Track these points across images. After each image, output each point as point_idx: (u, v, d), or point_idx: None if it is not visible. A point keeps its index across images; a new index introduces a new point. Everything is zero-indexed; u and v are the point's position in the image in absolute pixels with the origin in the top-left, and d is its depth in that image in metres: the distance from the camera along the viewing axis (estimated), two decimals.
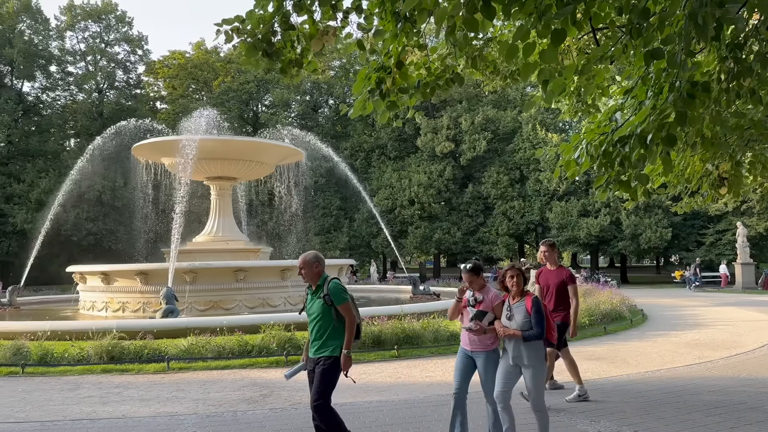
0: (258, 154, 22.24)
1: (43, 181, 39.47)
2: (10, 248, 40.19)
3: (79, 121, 45.07)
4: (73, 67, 47.74)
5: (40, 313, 18.79)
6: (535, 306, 5.15)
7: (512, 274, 5.35)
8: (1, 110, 40.27)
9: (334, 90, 47.57)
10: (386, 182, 42.77)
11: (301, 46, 3.66)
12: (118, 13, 47.38)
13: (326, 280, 5.02)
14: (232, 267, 17.06)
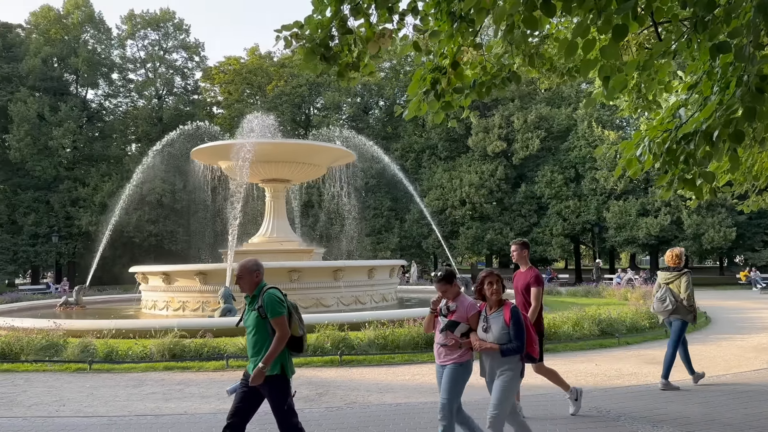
0: (310, 156, 22.57)
1: (106, 185, 41.14)
2: (76, 249, 42.12)
3: (140, 126, 46.79)
4: (133, 74, 49.66)
5: (104, 312, 19.62)
6: (514, 316, 4.64)
7: (491, 281, 4.85)
8: (67, 117, 42.22)
9: (384, 91, 47.77)
10: (437, 183, 42.63)
11: (358, 49, 3.70)
12: (176, 21, 48.95)
13: (262, 290, 4.58)
14: (286, 267, 17.36)
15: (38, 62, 42.66)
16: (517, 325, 4.61)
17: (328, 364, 9.87)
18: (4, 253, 40.63)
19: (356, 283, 18.34)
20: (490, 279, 4.84)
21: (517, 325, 4.61)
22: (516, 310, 4.70)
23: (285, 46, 3.62)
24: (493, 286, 4.81)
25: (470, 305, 4.88)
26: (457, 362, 4.83)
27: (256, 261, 4.74)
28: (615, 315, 13.15)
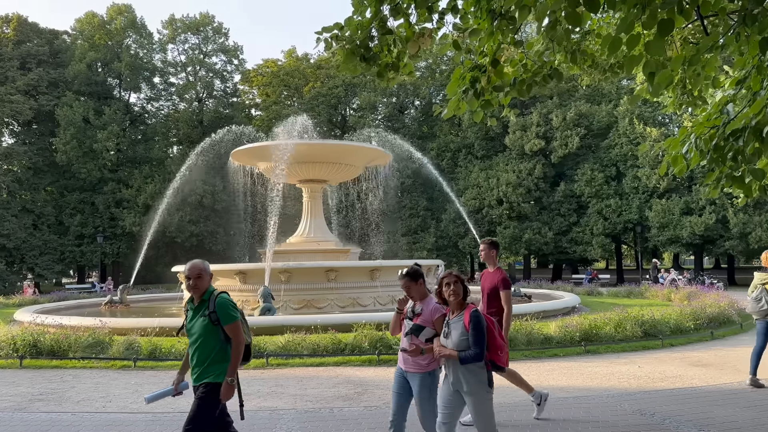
0: (347, 156, 22.70)
1: (149, 186, 42.17)
2: (120, 249, 43.30)
3: (181, 129, 47.82)
4: (174, 78, 50.78)
5: (148, 310, 20.13)
6: (474, 321, 4.22)
7: (448, 281, 4.47)
8: (111, 120, 43.45)
9: (420, 91, 47.70)
10: (473, 182, 42.34)
11: (397, 49, 3.71)
12: (215, 25, 49.86)
13: (212, 294, 4.25)
14: (324, 267, 17.50)
15: (83, 67, 44.03)
16: (476, 331, 4.19)
17: (366, 364, 9.92)
18: (51, 253, 42.06)
19: (393, 283, 18.32)
20: (447, 279, 4.50)
21: (476, 331, 4.19)
22: (476, 314, 4.28)
23: (325, 48, 3.67)
24: (450, 287, 4.43)
25: (435, 308, 4.53)
26: (426, 371, 4.48)
27: (205, 262, 4.36)
28: (658, 316, 12.85)
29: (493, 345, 4.29)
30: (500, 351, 4.34)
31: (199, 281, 4.23)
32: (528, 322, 11.77)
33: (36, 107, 42.66)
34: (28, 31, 45.06)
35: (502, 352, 4.37)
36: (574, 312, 16.95)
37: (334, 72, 48.88)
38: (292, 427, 6.21)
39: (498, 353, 4.32)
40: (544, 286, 28.53)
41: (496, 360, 4.33)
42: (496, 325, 4.39)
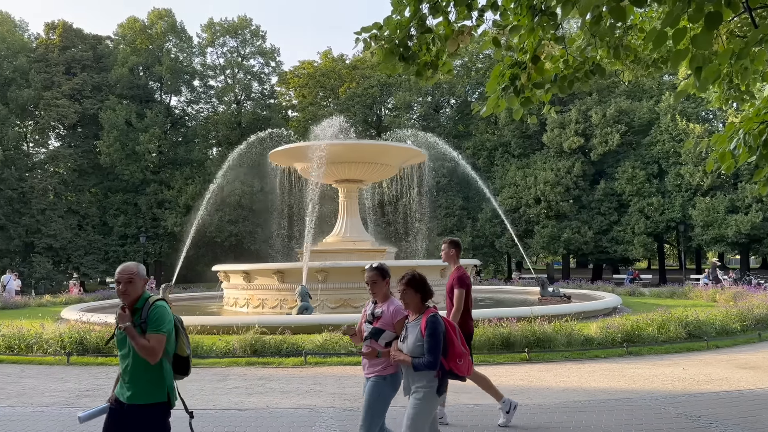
0: (382, 156, 22.74)
1: (189, 188, 43.06)
2: (162, 249, 44.33)
3: (220, 131, 48.65)
4: (213, 80, 51.74)
5: (189, 308, 20.54)
6: (430, 327, 3.93)
7: (368, 278, 4.30)
8: (153, 123, 44.51)
9: (455, 90, 47.45)
10: (510, 181, 41.91)
11: (436, 47, 3.70)
12: (252, 28, 50.55)
13: (147, 302, 3.69)
14: (360, 266, 17.50)
15: (125, 71, 45.21)
16: (431, 338, 3.91)
17: None
18: (96, 253, 43.33)
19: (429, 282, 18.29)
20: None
21: (431, 338, 3.91)
22: (433, 320, 3.99)
23: (364, 48, 3.68)
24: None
25: (396, 310, 4.27)
26: (380, 375, 4.24)
27: (140, 265, 3.81)
28: (703, 317, 12.49)
29: (452, 353, 4.02)
30: (460, 359, 4.05)
31: (130, 287, 3.66)
32: (568, 323, 11.60)
33: (81, 111, 44.01)
34: (73, 37, 46.48)
35: (462, 360, 4.07)
36: (615, 313, 16.62)
37: (369, 72, 49.02)
38: (331, 425, 6.25)
39: (457, 361, 4.04)
40: (584, 287, 28.05)
41: (455, 369, 4.04)
42: (457, 331, 4.14)
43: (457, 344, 4.05)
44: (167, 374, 3.73)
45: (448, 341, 4.02)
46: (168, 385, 3.74)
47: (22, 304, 24.23)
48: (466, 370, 4.10)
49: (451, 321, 4.16)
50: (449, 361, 4.01)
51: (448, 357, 4.00)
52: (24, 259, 41.57)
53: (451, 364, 4.02)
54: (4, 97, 43.00)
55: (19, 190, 42.08)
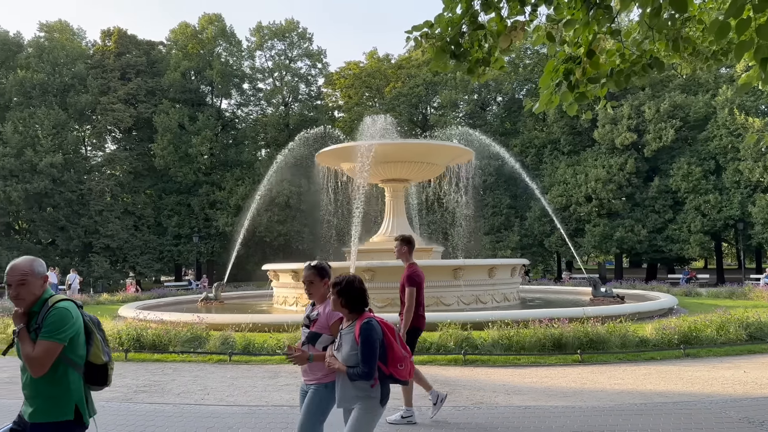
0: (429, 155, 22.65)
1: (240, 188, 43.97)
2: (214, 249, 45.42)
3: (269, 132, 49.48)
4: (262, 83, 52.66)
5: (241, 307, 20.97)
6: (364, 334, 3.65)
7: (305, 277, 4.07)
8: (204, 126, 45.66)
9: (502, 87, 46.89)
10: (560, 178, 41.11)
11: (488, 44, 3.65)
12: (300, 30, 51.19)
13: (45, 304, 3.11)
14: None
15: (178, 76, 46.50)
16: (365, 346, 3.63)
17: (452, 363, 9.85)
18: (151, 253, 44.74)
19: (477, 282, 18.14)
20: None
21: (365, 346, 3.63)
22: (366, 326, 3.69)
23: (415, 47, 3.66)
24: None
25: (331, 314, 4.00)
26: (321, 383, 3.98)
27: (36, 261, 3.23)
28: (765, 318, 11.95)
29: (392, 357, 3.76)
30: (400, 363, 3.78)
31: (22, 289, 3.09)
32: (622, 324, 11.29)
33: (135, 115, 45.51)
34: (128, 44, 48.11)
35: (403, 364, 3.79)
36: (671, 314, 16.09)
37: (415, 71, 48.95)
38: (380, 422, 6.25)
39: (398, 366, 3.77)
40: (638, 287, 27.27)
41: (396, 374, 3.77)
42: (397, 334, 3.87)
43: (397, 348, 3.79)
44: (74, 387, 3.15)
45: (387, 346, 3.75)
46: (76, 400, 3.15)
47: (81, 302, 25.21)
48: (407, 374, 3.85)
49: (390, 326, 3.81)
50: (389, 366, 3.76)
51: (387, 362, 3.74)
52: (83, 259, 43.26)
53: (391, 369, 3.76)
54: (64, 102, 44.87)
55: (78, 192, 43.84)
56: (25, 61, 45.19)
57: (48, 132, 42.54)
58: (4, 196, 40.16)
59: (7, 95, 44.42)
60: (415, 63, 50.23)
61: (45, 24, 49.49)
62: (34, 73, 44.14)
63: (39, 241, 45.06)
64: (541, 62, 45.41)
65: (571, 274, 41.82)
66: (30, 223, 44.77)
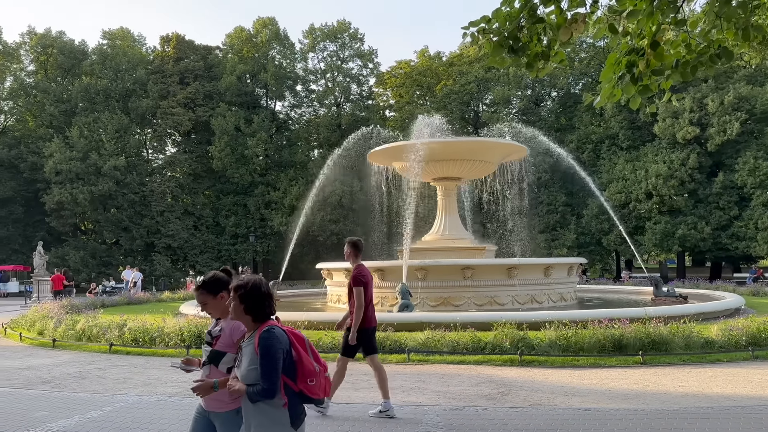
0: (481, 153, 22.41)
1: (294, 189, 44.72)
2: (269, 248, 46.37)
3: (322, 133, 50.10)
4: (315, 85, 53.35)
5: (296, 304, 21.32)
6: (264, 344, 3.12)
7: (198, 300, 3.66)
8: (259, 128, 46.65)
9: (557, 81, 45.92)
10: (618, 175, 39.93)
11: (548, 37, 3.57)
12: (351, 31, 51.59)
13: None
14: (459, 265, 17.41)
15: (234, 79, 47.65)
16: (265, 358, 3.10)
17: (508, 363, 9.72)
18: (210, 252, 46.04)
19: (532, 282, 17.84)
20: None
21: (265, 358, 3.10)
22: (266, 336, 3.16)
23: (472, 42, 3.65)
24: (235, 297, 3.36)
25: (235, 328, 3.50)
26: (229, 409, 3.46)
27: None
28: None
29: (301, 372, 3.20)
30: (311, 378, 3.21)
31: None
32: (686, 325, 10.88)
33: (194, 118, 46.91)
34: (186, 49, 49.63)
35: (314, 379, 3.22)
36: (737, 314, 15.37)
37: (466, 69, 48.55)
38: (437, 423, 6.24)
39: (308, 381, 3.21)
40: (702, 286, 26.20)
41: (307, 391, 3.21)
42: (307, 344, 3.32)
43: (307, 360, 3.22)
44: None
45: (295, 359, 3.20)
46: None
47: (144, 299, 26.16)
48: (321, 391, 3.27)
49: (300, 335, 3.31)
50: (298, 382, 3.20)
51: (296, 377, 3.19)
52: (146, 258, 44.91)
53: (300, 385, 3.20)
54: (126, 107, 46.70)
55: (141, 193, 45.55)
56: (90, 68, 47.28)
57: (111, 136, 44.36)
58: (71, 198, 42.11)
59: (73, 101, 46.60)
60: (467, 60, 49.78)
61: (108, 32, 51.66)
62: (97, 80, 46.15)
63: (104, 241, 47.07)
64: (597, 56, 44.26)
65: (630, 274, 40.58)
66: (95, 223, 46.83)
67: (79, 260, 42.52)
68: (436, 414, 6.62)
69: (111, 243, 46.99)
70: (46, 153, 43.38)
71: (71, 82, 47.76)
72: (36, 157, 44.88)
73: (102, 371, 9.86)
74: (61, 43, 49.19)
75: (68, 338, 13.49)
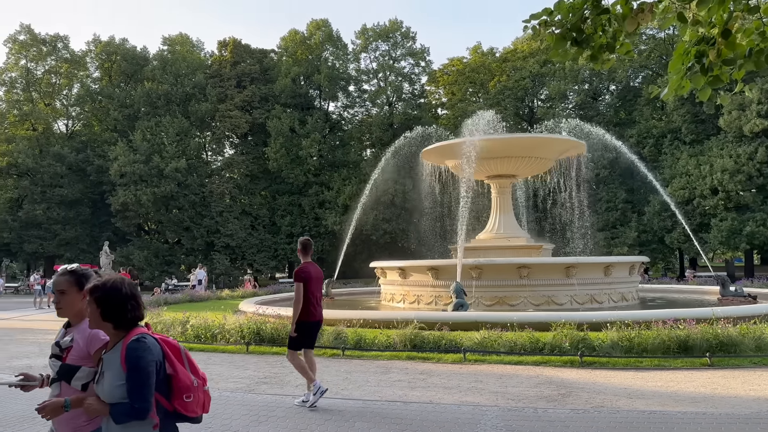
0: (537, 149, 22.01)
1: (347, 188, 45.12)
2: (323, 247, 46.92)
3: (374, 132, 50.35)
4: (367, 84, 53.65)
5: (350, 303, 21.48)
6: (133, 358, 2.67)
7: (56, 285, 3.06)
8: (313, 129, 47.31)
9: (615, 75, 44.59)
10: (681, 170, 38.43)
11: (613, 28, 3.46)
12: (403, 30, 51.59)
13: None
14: (515, 264, 17.16)
15: (288, 82, 48.48)
16: (135, 374, 2.66)
17: (567, 365, 9.51)
18: (266, 251, 46.99)
19: (591, 281, 17.39)
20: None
21: (135, 374, 2.66)
22: (135, 344, 2.70)
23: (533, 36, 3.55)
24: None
25: (93, 337, 2.94)
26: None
27: None
28: None
29: (176, 387, 2.77)
30: (187, 394, 2.79)
31: None
32: (756, 326, 10.39)
33: (250, 121, 48.00)
34: (242, 53, 50.82)
35: (192, 395, 2.80)
36: None
37: (520, 64, 47.80)
38: (496, 424, 6.16)
39: (183, 398, 2.78)
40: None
41: (182, 409, 2.79)
42: (183, 354, 2.87)
43: (183, 374, 2.79)
44: None
45: (170, 372, 2.78)
46: None
47: (205, 297, 26.95)
48: (200, 408, 2.85)
49: (174, 344, 2.87)
50: (173, 399, 2.78)
51: (171, 394, 2.78)
52: (206, 257, 46.25)
53: (175, 403, 2.78)
54: (186, 111, 48.19)
55: (201, 194, 46.94)
56: (151, 74, 49.05)
57: (172, 139, 45.88)
58: (135, 199, 43.79)
59: (136, 106, 48.46)
60: (521, 55, 48.99)
61: (168, 38, 53.51)
62: (159, 85, 47.82)
63: (166, 240, 48.74)
64: (658, 47, 42.76)
65: (695, 273, 38.99)
66: (158, 224, 48.53)
67: (143, 259, 44.22)
68: (494, 415, 6.54)
69: (173, 242, 48.63)
70: (111, 156, 45.29)
71: (134, 88, 49.69)
72: (102, 160, 46.91)
73: None
74: (124, 50, 51.27)
75: None
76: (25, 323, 20.07)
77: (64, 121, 54.07)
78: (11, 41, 49.02)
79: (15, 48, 49.15)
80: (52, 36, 49.77)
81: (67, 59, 50.55)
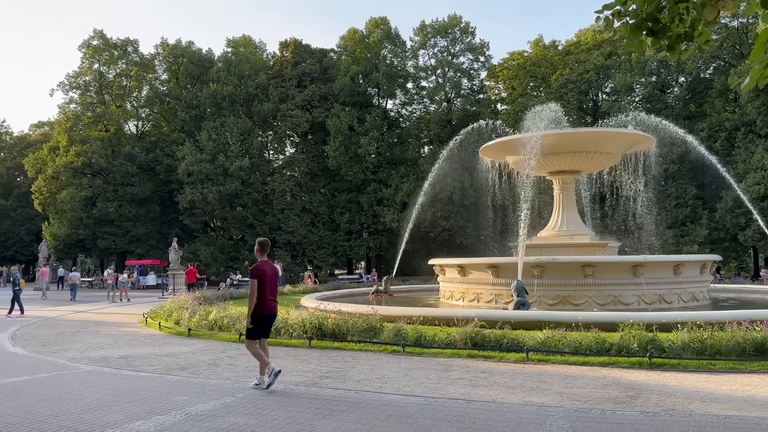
0: (602, 144, 21.37)
1: (405, 185, 45.18)
2: (381, 244, 47.21)
3: (432, 129, 50.21)
4: (425, 81, 53.52)
5: (409, 300, 21.51)
6: None
7: None
8: (372, 127, 47.58)
9: (685, 66, 42.74)
10: (756, 164, 36.50)
11: (691, 17, 3.32)
12: (462, 25, 51.15)
13: None
14: (579, 262, 16.74)
15: (347, 80, 48.95)
16: None
17: (636, 366, 9.20)
18: (326, 247, 47.66)
19: (660, 280, 16.76)
20: None
21: None
22: None
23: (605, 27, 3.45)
24: None
25: None
26: None
27: None
28: None
29: None
30: None
31: None
32: None
33: (311, 120, 48.78)
34: (303, 53, 51.65)
35: None
36: None
37: (584, 56, 46.54)
38: (562, 425, 6.02)
39: None
40: None
41: None
42: None
43: None
44: None
45: None
46: None
47: None
48: None
49: None
50: None
51: None
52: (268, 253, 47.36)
53: None
54: (249, 111, 49.42)
55: (263, 192, 48.07)
56: (216, 75, 50.55)
57: (237, 138, 47.18)
58: (202, 197, 45.28)
59: (202, 107, 50.07)
60: (585, 47, 47.70)
61: (231, 40, 54.92)
62: (223, 86, 49.24)
63: (231, 237, 50.19)
64: (730, 36, 40.69)
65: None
66: (223, 221, 50.04)
67: (209, 255, 45.71)
68: (560, 416, 6.40)
69: (237, 239, 50.00)
70: (178, 156, 47.01)
71: (200, 89, 51.34)
72: (170, 159, 48.76)
73: (233, 359, 10.51)
74: (190, 53, 53.04)
75: (202, 328, 14.52)
76: (99, 316, 21.11)
77: (134, 122, 56.52)
78: (85, 46, 51.55)
79: (89, 53, 51.66)
80: (123, 40, 52.03)
81: (136, 62, 52.74)
